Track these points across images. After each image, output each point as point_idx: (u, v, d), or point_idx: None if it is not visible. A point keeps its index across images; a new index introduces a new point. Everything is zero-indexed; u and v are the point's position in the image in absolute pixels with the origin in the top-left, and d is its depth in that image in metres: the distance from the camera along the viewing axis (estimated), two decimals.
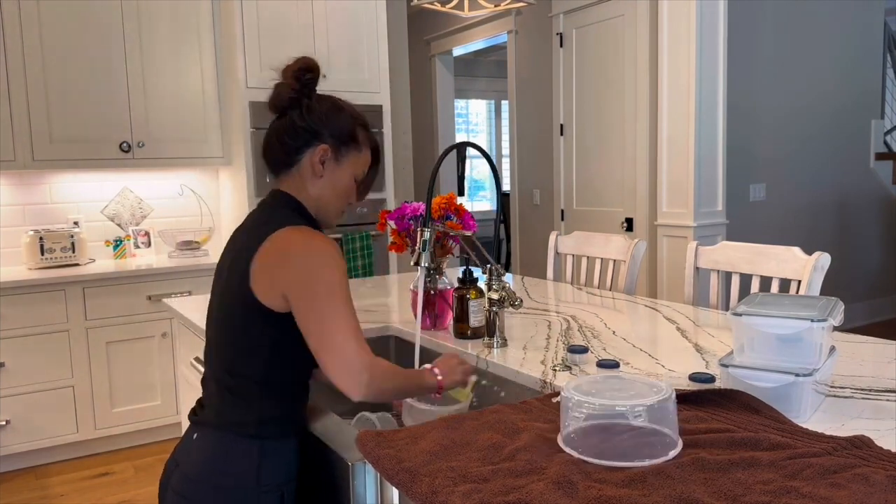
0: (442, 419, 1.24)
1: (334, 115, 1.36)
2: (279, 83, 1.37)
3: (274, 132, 1.37)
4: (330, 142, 1.35)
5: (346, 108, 1.40)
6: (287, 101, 1.35)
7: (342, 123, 1.36)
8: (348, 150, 1.37)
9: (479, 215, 8.67)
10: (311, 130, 1.34)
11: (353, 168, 1.39)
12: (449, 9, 3.07)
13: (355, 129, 1.38)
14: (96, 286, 3.45)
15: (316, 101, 1.36)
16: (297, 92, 1.34)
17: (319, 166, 1.35)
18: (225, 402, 1.29)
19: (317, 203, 1.37)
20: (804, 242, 4.51)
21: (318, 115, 1.34)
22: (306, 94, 1.35)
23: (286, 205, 1.35)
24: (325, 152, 1.35)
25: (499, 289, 1.72)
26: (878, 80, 5.56)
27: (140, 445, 3.64)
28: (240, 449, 1.26)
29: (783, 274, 2.11)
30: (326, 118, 1.35)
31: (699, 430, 1.12)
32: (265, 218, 1.32)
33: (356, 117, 1.40)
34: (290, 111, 1.35)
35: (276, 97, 1.36)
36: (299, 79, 1.34)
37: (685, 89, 3.89)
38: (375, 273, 4.06)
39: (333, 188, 1.37)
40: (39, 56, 3.48)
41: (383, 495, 1.17)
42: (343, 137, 1.36)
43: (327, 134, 1.35)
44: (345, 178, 1.38)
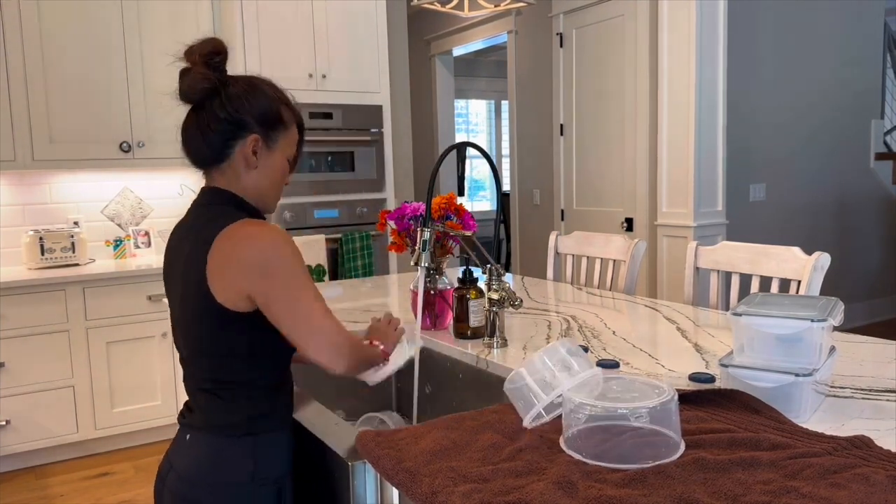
0: (442, 419, 1.24)
1: (255, 98, 1.27)
2: (186, 69, 1.25)
3: (195, 127, 1.27)
4: (258, 130, 1.27)
5: (266, 87, 1.30)
6: (201, 91, 1.24)
7: (266, 105, 1.27)
8: (277, 133, 1.30)
9: (479, 215, 8.67)
10: (235, 121, 1.25)
11: (285, 150, 1.32)
12: (449, 9, 3.07)
13: (279, 108, 1.29)
14: (96, 286, 3.45)
15: (233, 87, 1.26)
16: (211, 79, 1.24)
17: (253, 157, 1.27)
18: (212, 406, 1.27)
19: (255, 192, 1.31)
20: (804, 242, 4.51)
21: (238, 102, 1.25)
22: (220, 79, 1.25)
23: (226, 202, 1.28)
24: (257, 142, 1.27)
25: (499, 289, 1.72)
26: (878, 80, 5.56)
27: (140, 445, 3.64)
28: (234, 447, 1.26)
29: (783, 274, 2.11)
30: (248, 104, 1.25)
31: (699, 430, 1.12)
32: (206, 220, 1.25)
33: (278, 96, 1.31)
34: (207, 102, 1.25)
35: (188, 86, 1.24)
36: (209, 63, 1.24)
37: (685, 89, 3.89)
38: (375, 273, 4.06)
39: (270, 176, 1.31)
40: (39, 56, 3.48)
41: (383, 495, 1.17)
42: (270, 121, 1.28)
43: (253, 122, 1.26)
44: (279, 163, 1.32)
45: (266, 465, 1.27)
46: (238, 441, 1.26)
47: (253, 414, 1.27)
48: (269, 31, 3.74)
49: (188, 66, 1.25)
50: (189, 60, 1.25)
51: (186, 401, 1.36)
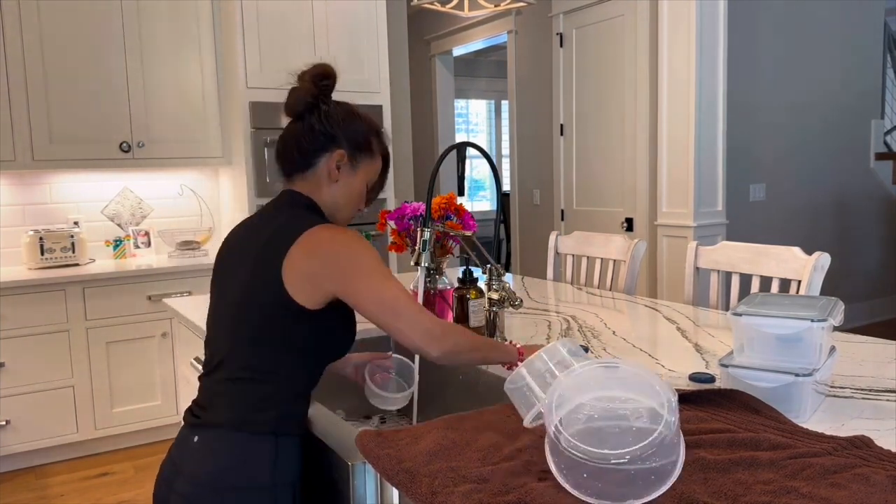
0: (442, 419, 1.24)
1: (350, 121, 1.38)
2: (295, 87, 1.38)
3: (290, 135, 1.39)
4: (346, 147, 1.37)
5: (362, 115, 1.42)
6: (304, 106, 1.37)
7: (358, 130, 1.39)
8: (363, 156, 1.40)
9: (479, 215, 8.66)
10: (328, 135, 1.36)
11: (366, 174, 1.42)
12: (449, 9, 3.07)
13: (370, 136, 1.41)
14: (96, 286, 3.45)
15: (333, 107, 1.38)
16: (315, 97, 1.36)
17: (336, 171, 1.37)
18: (241, 401, 1.27)
19: (331, 206, 1.39)
20: (804, 242, 4.50)
21: (335, 120, 1.36)
22: (323, 99, 1.37)
23: (305, 205, 1.37)
24: (342, 157, 1.37)
25: (499, 289, 1.72)
26: (878, 80, 5.56)
27: (140, 445, 3.64)
28: (256, 448, 1.25)
29: (783, 274, 2.11)
30: (343, 124, 1.37)
31: (699, 430, 1.12)
32: (287, 217, 1.33)
33: (371, 125, 1.42)
34: (307, 115, 1.37)
35: (293, 101, 1.38)
36: (317, 84, 1.36)
37: (685, 89, 3.89)
38: None
39: (347, 193, 1.40)
40: (39, 56, 3.48)
41: (383, 495, 1.17)
42: (359, 144, 1.39)
43: (343, 139, 1.37)
44: (358, 184, 1.41)
45: (285, 468, 1.27)
46: (261, 440, 1.25)
47: (281, 413, 1.28)
48: (269, 31, 3.74)
49: (298, 86, 1.38)
50: (299, 81, 1.38)
51: (196, 400, 1.35)
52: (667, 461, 0.94)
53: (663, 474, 0.94)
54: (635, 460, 0.91)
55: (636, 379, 1.01)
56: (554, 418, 0.97)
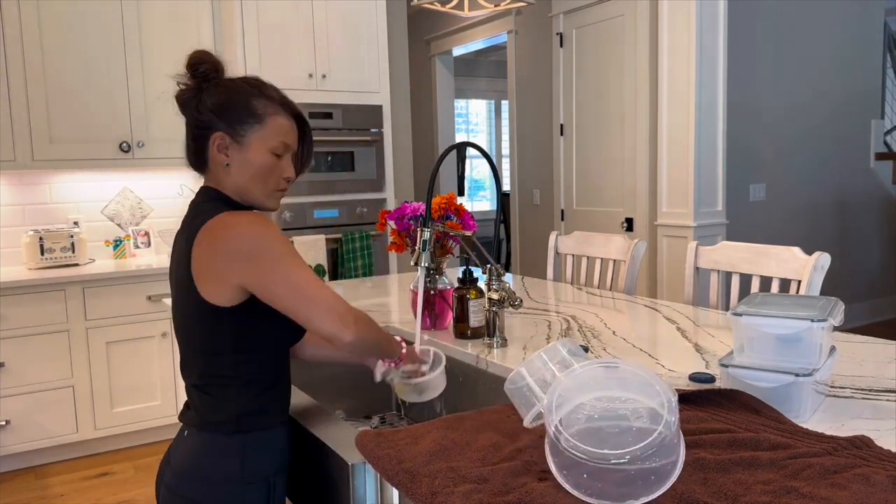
0: (442, 419, 1.24)
1: (223, 96, 1.28)
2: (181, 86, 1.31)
3: (185, 136, 1.33)
4: (222, 127, 1.27)
5: (240, 85, 1.30)
6: (181, 102, 1.30)
7: (232, 102, 1.27)
8: (247, 127, 1.27)
9: (479, 215, 8.66)
10: (201, 124, 1.28)
11: (263, 143, 1.28)
12: (449, 9, 3.07)
13: (249, 102, 1.28)
14: (96, 286, 3.44)
15: (207, 93, 1.28)
16: (188, 89, 1.29)
17: (222, 156, 1.28)
18: (203, 403, 1.29)
19: (239, 191, 1.30)
20: (804, 242, 4.51)
21: (206, 105, 1.27)
22: (203, 87, 1.29)
23: (211, 198, 1.30)
24: (222, 139, 1.27)
25: (499, 289, 1.72)
26: (878, 80, 5.56)
27: (140, 445, 3.64)
28: (223, 445, 1.27)
29: (783, 274, 2.11)
30: (217, 104, 1.27)
31: (699, 430, 1.12)
32: (194, 216, 1.28)
33: (249, 90, 1.29)
34: (187, 111, 1.30)
35: (177, 101, 1.30)
36: (194, 74, 1.28)
37: (685, 89, 3.89)
38: (375, 273, 4.06)
39: (246, 171, 1.28)
40: (39, 56, 3.48)
41: (383, 495, 1.17)
42: (237, 117, 1.27)
43: (217, 120, 1.27)
44: (256, 157, 1.27)
45: (255, 463, 1.28)
46: (227, 438, 1.27)
47: (241, 411, 1.27)
48: (269, 31, 3.74)
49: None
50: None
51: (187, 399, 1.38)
52: (667, 461, 0.94)
53: (663, 474, 0.94)
54: (635, 460, 0.91)
55: (636, 379, 1.01)
56: (554, 418, 0.97)
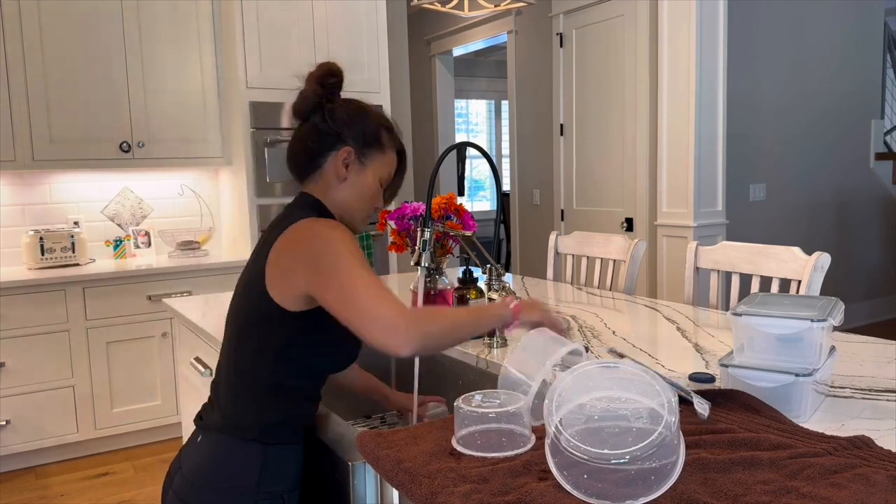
0: (442, 420, 1.24)
1: (357, 116, 1.34)
2: (303, 90, 1.35)
3: (297, 138, 1.35)
4: (353, 144, 1.32)
5: (370, 110, 1.38)
6: (310, 106, 1.33)
7: (365, 125, 1.34)
8: (372, 152, 1.35)
9: (479, 215, 8.66)
10: (333, 133, 1.32)
11: (378, 170, 1.36)
12: (449, 9, 3.07)
13: (379, 130, 1.36)
14: (96, 286, 3.44)
15: (339, 105, 1.34)
16: (320, 97, 1.33)
17: (343, 169, 1.32)
18: (231, 403, 1.28)
19: (342, 207, 1.35)
20: (804, 242, 4.51)
21: (340, 117, 1.32)
22: (329, 97, 1.34)
23: (307, 205, 1.33)
24: (349, 154, 1.32)
25: (499, 289, 1.72)
26: (878, 80, 5.56)
27: (140, 445, 3.64)
28: (242, 453, 1.25)
29: (783, 274, 2.11)
30: (350, 120, 1.33)
31: (699, 430, 1.12)
32: (283, 216, 1.31)
33: (380, 119, 1.38)
34: (312, 116, 1.34)
35: (299, 103, 1.34)
36: (323, 84, 1.33)
37: (685, 89, 3.89)
38: (375, 273, 4.06)
39: (358, 191, 1.35)
40: (39, 56, 3.48)
41: (383, 496, 1.17)
42: (366, 139, 1.34)
43: (350, 136, 1.32)
44: (369, 181, 1.35)
45: (272, 477, 1.26)
46: (247, 446, 1.25)
47: (264, 420, 1.25)
48: (269, 31, 3.74)
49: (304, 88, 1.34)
50: (306, 82, 1.34)
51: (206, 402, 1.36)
52: (667, 461, 0.94)
53: (663, 474, 0.94)
54: (635, 460, 0.91)
55: (636, 379, 1.01)
56: (554, 418, 0.97)
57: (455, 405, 1.13)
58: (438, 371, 1.85)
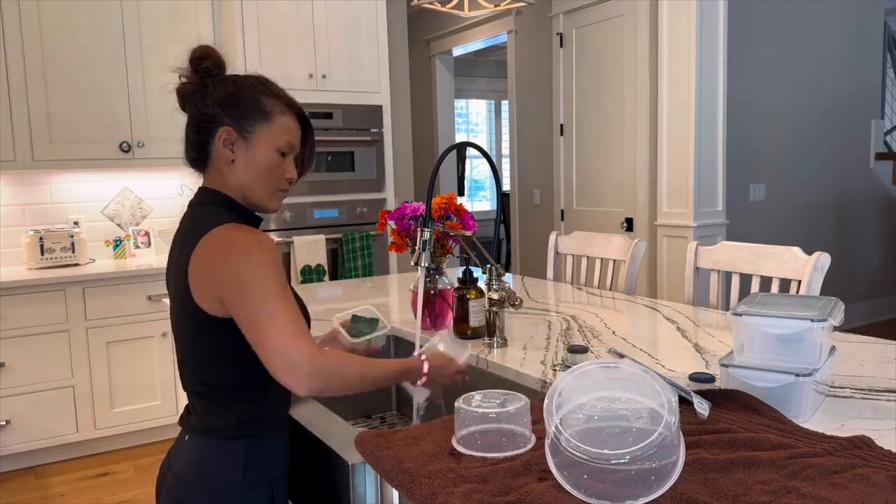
0: (442, 420, 1.24)
1: (232, 93, 1.26)
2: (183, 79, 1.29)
3: (185, 131, 1.30)
4: (229, 122, 1.25)
5: (247, 81, 1.29)
6: (184, 95, 1.28)
7: (240, 98, 1.26)
8: (254, 124, 1.26)
9: (479, 215, 8.66)
10: (207, 116, 1.26)
11: (270, 141, 1.27)
12: (449, 9, 3.07)
13: (257, 99, 1.27)
14: (96, 286, 3.44)
15: (213, 87, 1.27)
16: (195, 83, 1.27)
17: (228, 151, 1.26)
18: (203, 409, 1.28)
19: (241, 189, 1.28)
20: (804, 242, 4.50)
21: (213, 99, 1.26)
22: (205, 83, 1.27)
23: (212, 202, 1.29)
24: (229, 134, 1.25)
25: (499, 289, 1.72)
26: (877, 80, 5.56)
27: (140, 445, 3.64)
28: (225, 451, 1.26)
29: (783, 274, 2.11)
30: (224, 100, 1.26)
31: (699, 430, 1.12)
32: (194, 221, 1.26)
33: (258, 87, 1.28)
34: (189, 104, 1.28)
35: (178, 95, 1.29)
36: (197, 69, 1.27)
37: (685, 89, 3.89)
38: (375, 273, 4.06)
39: (252, 169, 1.27)
40: (39, 56, 3.48)
41: (383, 496, 1.17)
42: (245, 113, 1.26)
43: (225, 115, 1.25)
44: (263, 155, 1.26)
45: (258, 469, 1.27)
46: (229, 444, 1.26)
47: (243, 418, 1.26)
48: (269, 31, 3.74)
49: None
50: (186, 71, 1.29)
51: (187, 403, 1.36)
52: (667, 462, 0.94)
53: (663, 475, 0.94)
54: (635, 461, 0.91)
55: (636, 379, 1.01)
56: (554, 418, 0.97)
57: (455, 405, 1.13)
58: None
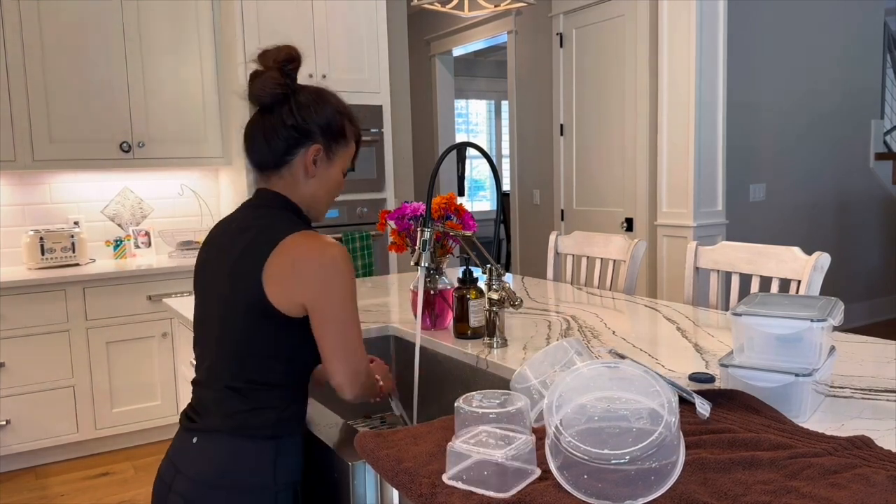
0: (441, 420, 1.24)
1: (322, 109, 1.30)
2: (259, 72, 1.28)
3: (260, 130, 1.29)
4: (321, 140, 1.30)
5: (332, 99, 1.33)
6: (272, 96, 1.27)
7: (331, 119, 1.31)
8: (338, 146, 1.33)
9: (479, 215, 8.66)
10: (302, 129, 1.28)
11: (343, 162, 1.36)
12: (449, 9, 3.07)
13: (343, 123, 1.33)
14: (96, 286, 3.44)
15: (303, 96, 1.29)
16: (283, 86, 1.27)
17: (312, 166, 1.30)
18: (237, 409, 1.24)
19: (309, 201, 1.34)
20: (804, 242, 4.50)
21: (306, 111, 1.28)
22: (292, 86, 1.29)
23: (283, 206, 1.31)
24: (319, 152, 1.30)
25: (499, 289, 1.72)
26: (877, 80, 5.56)
27: (140, 445, 3.64)
28: (255, 450, 1.23)
29: (783, 274, 2.11)
30: (316, 114, 1.29)
31: (699, 430, 1.12)
32: (266, 222, 1.27)
33: (342, 110, 1.34)
34: (276, 107, 1.28)
35: (258, 89, 1.27)
36: (283, 70, 1.27)
37: (685, 89, 3.89)
38: (375, 273, 4.06)
39: (325, 185, 1.34)
40: (39, 56, 3.48)
41: (383, 495, 1.17)
42: (333, 134, 1.31)
43: (318, 132, 1.29)
44: (335, 175, 1.36)
45: (286, 469, 1.26)
46: (262, 443, 1.24)
47: (280, 417, 1.26)
48: (269, 32, 3.73)
49: (261, 69, 1.28)
50: (263, 64, 1.28)
51: (191, 404, 1.33)
52: (667, 462, 0.94)
53: (663, 475, 0.94)
54: (635, 461, 0.91)
55: (637, 379, 1.01)
56: (554, 418, 0.97)
57: (455, 405, 1.13)
58: (439, 371, 1.85)
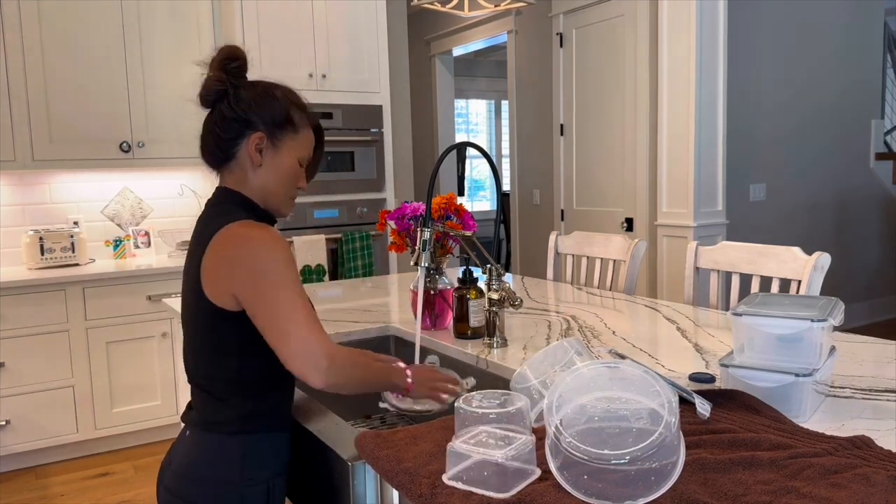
0: (441, 420, 1.24)
1: (265, 100, 1.31)
2: (206, 76, 1.32)
3: (206, 127, 1.34)
4: (263, 128, 1.30)
5: (278, 90, 1.34)
6: (214, 94, 1.31)
7: (274, 107, 1.31)
8: (284, 133, 1.32)
9: (479, 215, 8.66)
10: (241, 119, 1.30)
11: (295, 151, 1.34)
12: (449, 9, 3.07)
13: (289, 110, 1.33)
14: (96, 286, 3.44)
15: (244, 89, 1.32)
16: (224, 83, 1.30)
17: (257, 155, 1.31)
18: (205, 403, 1.30)
19: (262, 193, 1.33)
20: (804, 242, 4.51)
21: (246, 102, 1.30)
22: (233, 82, 1.31)
23: (229, 200, 1.32)
24: (261, 140, 1.30)
25: (499, 289, 1.72)
26: (877, 80, 5.56)
27: (140, 445, 3.64)
28: (223, 446, 1.27)
29: (783, 274, 2.11)
30: (257, 104, 1.30)
31: (699, 430, 1.12)
32: (209, 219, 1.30)
33: (289, 98, 1.34)
34: (218, 103, 1.32)
35: (203, 91, 1.32)
36: (226, 69, 1.30)
37: (685, 89, 3.89)
38: (375, 273, 4.06)
39: (276, 175, 1.33)
40: (39, 56, 3.48)
41: (383, 495, 1.17)
42: (277, 121, 1.31)
43: (259, 121, 1.30)
44: (286, 163, 1.33)
45: (256, 465, 1.28)
46: (228, 439, 1.27)
47: (244, 413, 1.27)
48: (269, 31, 3.74)
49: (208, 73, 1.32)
50: (209, 68, 1.32)
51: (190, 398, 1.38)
52: (667, 462, 0.94)
53: (663, 475, 0.94)
54: (635, 461, 0.91)
55: (637, 379, 1.01)
56: (554, 418, 0.97)
57: (455, 405, 1.13)
58: None
